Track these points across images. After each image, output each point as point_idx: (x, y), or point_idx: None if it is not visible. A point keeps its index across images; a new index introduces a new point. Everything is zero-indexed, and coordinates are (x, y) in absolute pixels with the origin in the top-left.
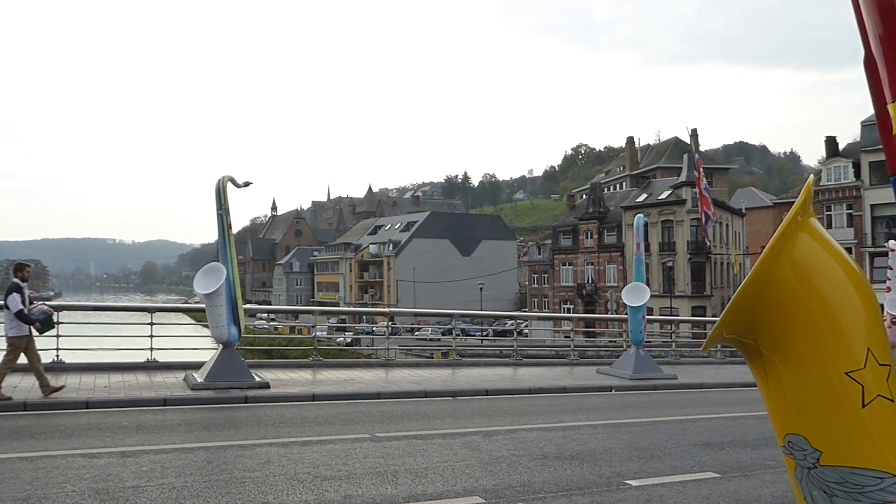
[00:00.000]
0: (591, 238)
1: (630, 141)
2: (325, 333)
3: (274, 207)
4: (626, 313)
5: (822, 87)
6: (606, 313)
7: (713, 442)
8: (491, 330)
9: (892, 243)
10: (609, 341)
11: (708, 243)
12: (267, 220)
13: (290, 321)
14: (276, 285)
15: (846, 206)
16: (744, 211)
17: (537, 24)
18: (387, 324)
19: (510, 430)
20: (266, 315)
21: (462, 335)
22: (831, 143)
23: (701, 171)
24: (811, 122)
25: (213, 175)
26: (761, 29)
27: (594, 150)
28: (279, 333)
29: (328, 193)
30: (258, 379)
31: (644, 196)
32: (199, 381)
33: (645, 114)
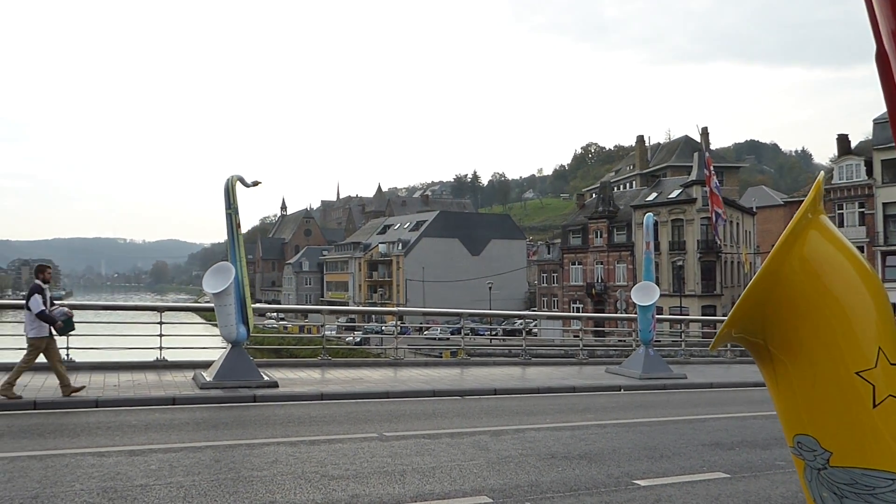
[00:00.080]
0: (601, 237)
1: (640, 140)
2: (335, 333)
3: (284, 207)
4: (635, 313)
5: (834, 84)
6: (616, 313)
7: (723, 442)
8: (500, 329)
9: None
10: (618, 341)
11: (718, 242)
12: (277, 219)
13: (300, 320)
14: (286, 285)
15: (858, 204)
16: (755, 210)
17: (547, 23)
18: (396, 323)
19: (518, 429)
20: (275, 314)
21: (471, 334)
22: (843, 141)
23: (711, 169)
24: (823, 120)
25: (224, 175)
26: (772, 26)
27: (604, 149)
28: (288, 333)
29: (338, 193)
30: (267, 378)
31: (654, 195)
32: (208, 380)
33: (655, 112)
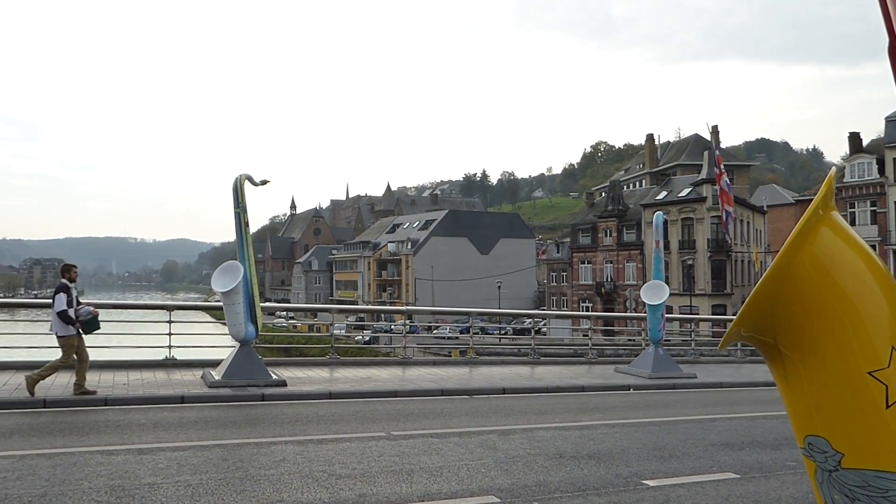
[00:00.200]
0: (611, 236)
1: (650, 138)
2: (343, 331)
3: (293, 206)
4: (645, 312)
5: (845, 82)
6: (625, 312)
7: (733, 442)
8: (509, 328)
9: None
10: (628, 340)
11: (729, 241)
12: (286, 218)
13: (309, 319)
14: (295, 284)
15: (870, 202)
16: (765, 208)
17: (556, 22)
18: (405, 322)
19: (527, 429)
20: (285, 313)
21: (480, 333)
22: (855, 139)
23: (722, 167)
24: (834, 119)
25: (233, 174)
26: (783, 24)
27: (613, 147)
28: (298, 331)
29: (347, 192)
30: (275, 377)
31: (664, 193)
32: (217, 378)
33: (665, 111)
